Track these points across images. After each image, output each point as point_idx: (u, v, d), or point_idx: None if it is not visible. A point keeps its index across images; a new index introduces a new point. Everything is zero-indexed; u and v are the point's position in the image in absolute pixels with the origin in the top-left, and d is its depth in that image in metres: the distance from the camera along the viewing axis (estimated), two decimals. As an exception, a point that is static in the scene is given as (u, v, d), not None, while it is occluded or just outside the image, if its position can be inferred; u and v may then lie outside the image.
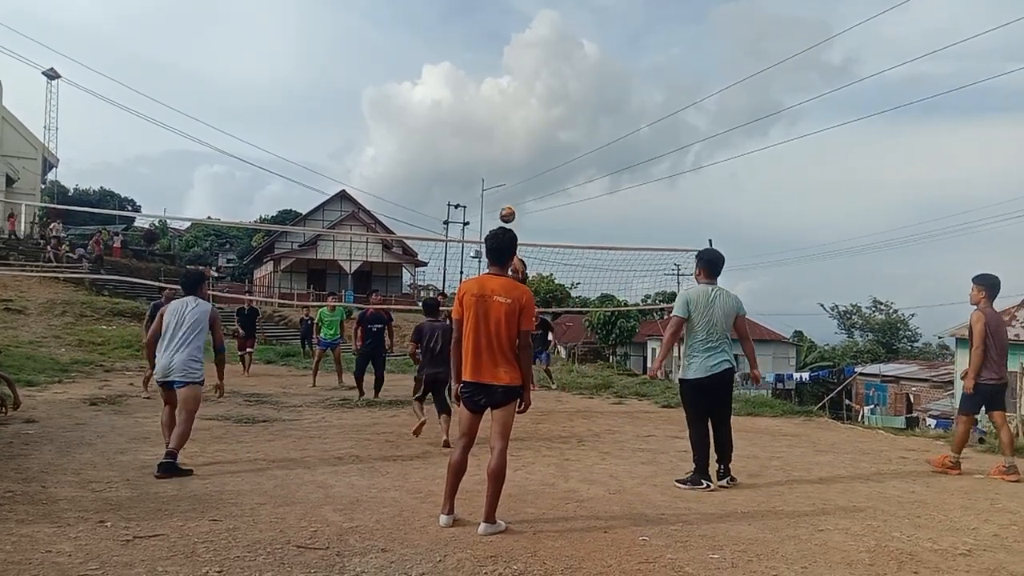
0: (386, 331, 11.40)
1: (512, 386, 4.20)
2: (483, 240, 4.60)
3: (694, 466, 5.58)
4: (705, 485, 5.45)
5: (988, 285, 6.43)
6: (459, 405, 4.37)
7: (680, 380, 5.83)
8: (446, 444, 7.30)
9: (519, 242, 4.57)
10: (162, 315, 6.02)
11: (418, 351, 7.92)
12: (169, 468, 5.47)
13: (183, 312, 5.91)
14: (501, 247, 4.38)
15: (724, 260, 5.94)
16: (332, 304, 13.89)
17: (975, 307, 6.48)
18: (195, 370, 5.85)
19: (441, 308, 8.88)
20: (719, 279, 5.87)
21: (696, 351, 5.62)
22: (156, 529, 4.04)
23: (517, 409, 4.32)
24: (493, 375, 4.17)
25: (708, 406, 5.68)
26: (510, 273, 4.49)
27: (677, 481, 5.60)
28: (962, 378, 6.65)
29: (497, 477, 4.15)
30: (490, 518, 4.17)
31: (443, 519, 4.27)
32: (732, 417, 5.90)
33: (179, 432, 5.69)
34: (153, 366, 6.05)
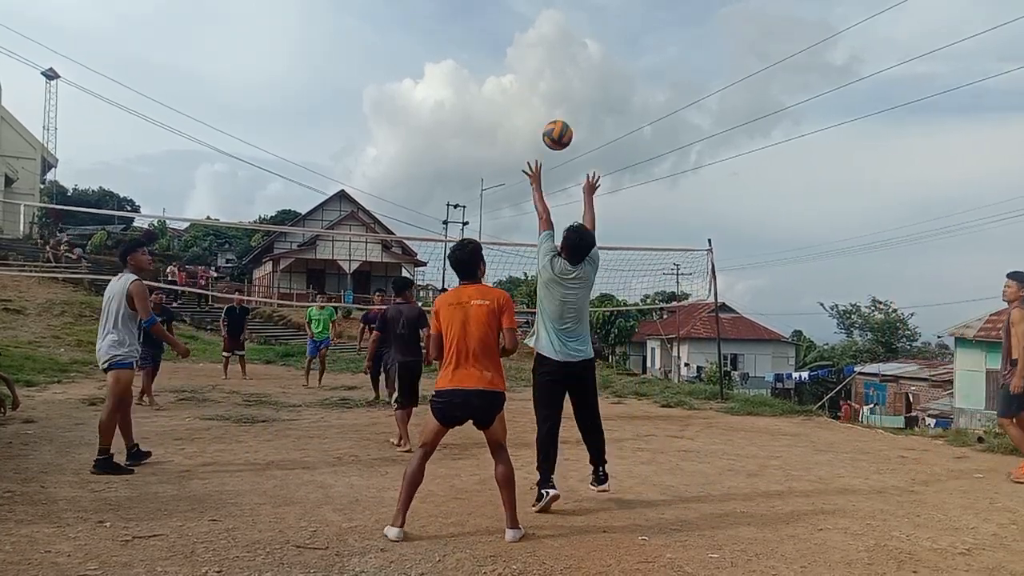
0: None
1: (498, 391, 4.10)
2: (447, 256, 4.36)
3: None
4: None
5: None
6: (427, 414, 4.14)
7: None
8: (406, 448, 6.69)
9: (520, 243, 4.52)
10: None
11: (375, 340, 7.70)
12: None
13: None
14: (466, 260, 4.27)
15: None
16: (321, 304, 14.50)
17: (1008, 304, 6.23)
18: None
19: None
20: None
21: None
22: (155, 529, 4.04)
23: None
24: (479, 380, 4.05)
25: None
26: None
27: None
28: (1005, 378, 6.21)
29: (510, 481, 4.10)
30: (515, 523, 4.08)
31: (393, 532, 3.93)
32: (731, 416, 5.82)
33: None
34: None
